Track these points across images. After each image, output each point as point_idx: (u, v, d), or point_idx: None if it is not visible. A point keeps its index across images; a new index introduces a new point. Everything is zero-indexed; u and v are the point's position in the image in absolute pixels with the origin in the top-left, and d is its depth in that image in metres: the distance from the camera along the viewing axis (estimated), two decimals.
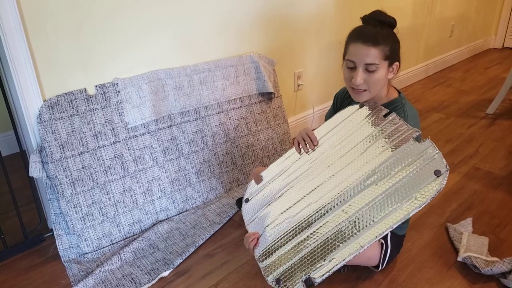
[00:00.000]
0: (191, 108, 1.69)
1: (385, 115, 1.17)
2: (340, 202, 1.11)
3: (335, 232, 1.07)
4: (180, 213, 1.66)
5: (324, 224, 1.10)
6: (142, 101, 1.54)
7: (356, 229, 1.04)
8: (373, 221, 1.03)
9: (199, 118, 1.72)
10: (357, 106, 1.24)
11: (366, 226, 1.03)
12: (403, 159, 1.06)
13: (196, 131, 1.71)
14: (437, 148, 1.03)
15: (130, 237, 1.54)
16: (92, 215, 1.46)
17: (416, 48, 3.13)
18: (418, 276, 1.31)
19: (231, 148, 1.81)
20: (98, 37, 1.44)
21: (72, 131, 1.41)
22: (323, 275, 1.03)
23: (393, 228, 0.99)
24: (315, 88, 2.36)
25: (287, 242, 1.13)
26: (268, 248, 1.15)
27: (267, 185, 1.32)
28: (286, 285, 1.05)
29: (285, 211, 1.20)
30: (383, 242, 1.23)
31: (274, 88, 1.96)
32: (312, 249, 1.08)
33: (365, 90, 1.17)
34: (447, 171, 0.98)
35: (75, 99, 1.42)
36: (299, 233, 1.13)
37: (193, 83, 1.69)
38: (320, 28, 2.25)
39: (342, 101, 1.40)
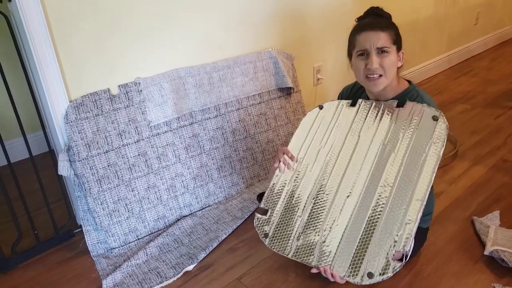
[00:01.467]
0: (211, 105, 1.71)
1: (352, 104, 1.30)
2: (374, 185, 1.14)
3: (388, 213, 1.08)
4: (203, 208, 1.69)
5: (372, 215, 1.10)
6: (164, 100, 1.57)
7: (403, 200, 1.07)
8: (411, 183, 1.08)
9: (219, 115, 1.74)
10: (317, 109, 1.39)
11: (410, 193, 1.07)
12: (401, 123, 1.17)
13: (217, 128, 1.73)
14: (420, 104, 1.16)
15: (155, 232, 1.58)
16: (118, 211, 1.50)
17: (440, 38, 3.05)
18: (443, 270, 1.29)
19: (251, 144, 1.83)
20: (119, 37, 1.48)
21: (97, 130, 1.46)
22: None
23: (434, 175, 1.06)
24: (334, 81, 2.34)
25: (355, 241, 1.10)
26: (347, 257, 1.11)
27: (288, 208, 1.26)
28: (380, 273, 1.02)
29: (332, 225, 1.16)
30: None
31: (293, 83, 1.96)
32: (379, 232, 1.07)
33: (380, 76, 1.17)
34: (441, 112, 1.11)
35: (99, 99, 1.46)
36: (361, 230, 1.10)
37: (213, 81, 1.71)
38: (339, 21, 2.23)
39: (347, 97, 1.39)
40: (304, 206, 1.22)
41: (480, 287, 1.23)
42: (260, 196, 1.66)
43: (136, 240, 1.54)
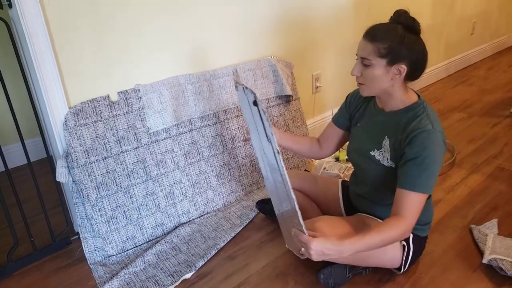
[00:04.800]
0: (210, 113, 1.71)
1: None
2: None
3: None
4: (202, 215, 1.69)
5: None
6: (163, 107, 1.57)
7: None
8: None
9: (219, 122, 1.74)
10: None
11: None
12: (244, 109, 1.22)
13: (216, 135, 1.73)
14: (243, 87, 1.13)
15: (153, 239, 1.57)
16: (116, 218, 1.50)
17: (436, 47, 3.08)
18: (441, 278, 1.29)
19: (250, 151, 1.83)
20: (119, 45, 1.48)
21: (96, 137, 1.45)
22: None
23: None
24: (333, 89, 2.35)
25: None
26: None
27: None
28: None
29: None
30: (405, 244, 1.22)
31: (292, 90, 1.97)
32: None
33: (362, 84, 1.18)
34: (256, 99, 1.05)
35: (99, 105, 1.46)
36: None
37: (213, 88, 1.71)
38: (338, 30, 2.25)
39: (357, 104, 1.36)
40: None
41: None
42: (259, 203, 1.66)
43: (134, 247, 1.53)
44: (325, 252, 1.03)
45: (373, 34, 1.12)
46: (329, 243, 1.03)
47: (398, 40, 1.10)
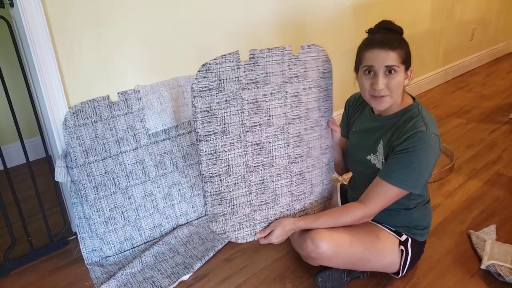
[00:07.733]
0: None
1: None
2: None
3: None
4: (200, 217, 1.68)
5: None
6: (163, 108, 1.57)
7: None
8: None
9: None
10: None
11: None
12: None
13: None
14: None
15: (150, 241, 1.57)
16: (114, 219, 1.49)
17: (435, 53, 3.09)
18: (439, 283, 1.29)
19: None
20: (120, 46, 1.48)
21: (96, 137, 1.45)
22: None
23: None
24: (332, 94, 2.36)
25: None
26: None
27: None
28: None
29: None
30: (403, 249, 1.22)
31: None
32: None
33: (385, 95, 1.14)
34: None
35: (99, 106, 1.46)
36: None
37: None
38: (337, 35, 2.25)
39: (354, 108, 1.37)
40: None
41: None
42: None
43: (132, 248, 1.53)
44: (286, 230, 1.19)
45: (389, 42, 1.11)
46: (291, 221, 1.20)
47: (408, 46, 1.15)
